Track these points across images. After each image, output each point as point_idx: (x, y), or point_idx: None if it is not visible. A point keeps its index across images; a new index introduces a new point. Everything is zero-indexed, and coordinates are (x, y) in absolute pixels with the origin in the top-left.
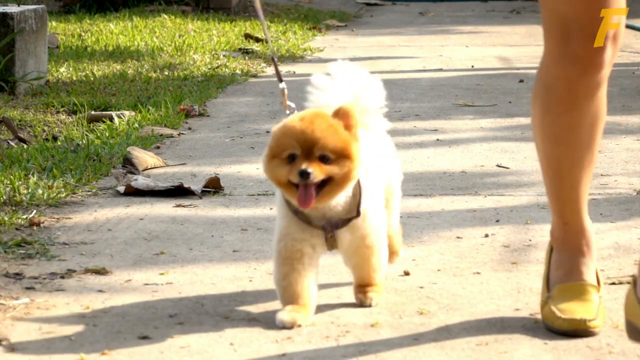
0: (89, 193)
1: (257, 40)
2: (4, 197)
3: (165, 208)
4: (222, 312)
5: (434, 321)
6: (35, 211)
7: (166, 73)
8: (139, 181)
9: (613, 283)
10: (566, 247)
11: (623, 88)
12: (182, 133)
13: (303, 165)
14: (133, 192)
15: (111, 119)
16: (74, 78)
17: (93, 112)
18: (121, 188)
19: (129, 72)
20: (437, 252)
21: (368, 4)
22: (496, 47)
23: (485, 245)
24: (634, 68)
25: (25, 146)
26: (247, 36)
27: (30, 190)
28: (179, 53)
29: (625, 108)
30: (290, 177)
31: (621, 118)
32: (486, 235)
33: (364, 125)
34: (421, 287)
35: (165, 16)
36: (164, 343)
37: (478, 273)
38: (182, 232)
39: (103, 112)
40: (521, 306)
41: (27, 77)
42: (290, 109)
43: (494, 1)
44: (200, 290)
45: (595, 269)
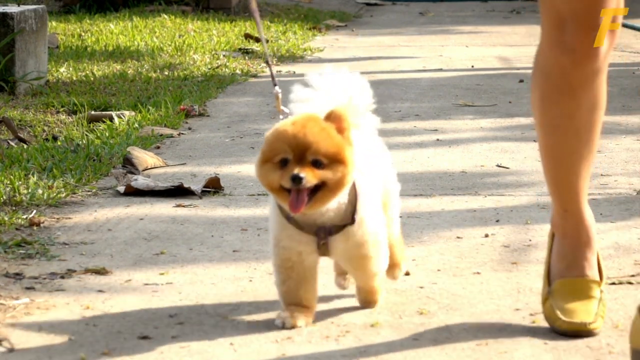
0: (89, 193)
1: (257, 40)
2: (4, 197)
3: (165, 208)
4: (222, 312)
5: (434, 321)
6: (35, 211)
7: (166, 73)
8: (139, 181)
9: (613, 283)
10: (567, 237)
11: (623, 88)
12: (182, 133)
13: (295, 170)
14: (133, 192)
15: (111, 119)
16: (74, 78)
17: (93, 112)
18: (121, 188)
19: (129, 72)
20: (437, 252)
21: (368, 4)
22: (496, 47)
23: (485, 245)
24: (634, 68)
25: (25, 146)
26: (247, 36)
27: (30, 190)
28: (179, 53)
29: (625, 108)
30: (282, 182)
31: (621, 118)
32: (486, 235)
33: (355, 124)
34: (421, 287)
35: (165, 16)
36: (164, 343)
37: (478, 273)
38: (182, 232)
39: (103, 112)
40: (521, 306)
41: (27, 77)
42: (284, 114)
43: (494, 1)
44: (200, 290)
45: (596, 260)
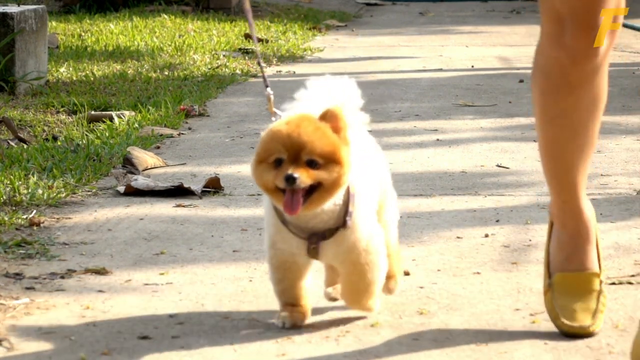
0: (89, 193)
1: (257, 40)
2: (4, 197)
3: (165, 208)
4: (222, 312)
5: (434, 321)
6: (35, 211)
7: (166, 73)
8: (139, 181)
9: (613, 283)
10: (565, 227)
11: (623, 88)
12: (182, 133)
13: (289, 170)
14: (133, 192)
15: (111, 119)
16: (74, 78)
17: (93, 112)
18: (121, 188)
19: (129, 72)
20: (437, 252)
21: (368, 4)
22: (496, 47)
23: (485, 245)
24: (634, 68)
25: (25, 146)
26: (247, 36)
27: (30, 190)
28: (179, 53)
29: (625, 108)
30: (276, 182)
31: (621, 118)
32: (486, 235)
33: (351, 124)
34: (421, 287)
35: (165, 16)
36: (164, 343)
37: (478, 273)
38: (182, 232)
39: (103, 112)
40: (521, 306)
41: (27, 77)
42: (276, 116)
43: (494, 1)
44: (200, 290)
45: (595, 251)
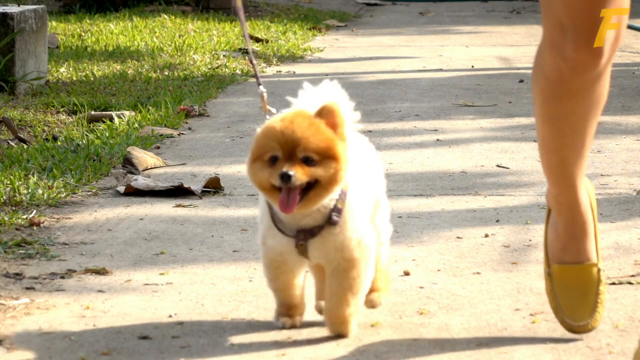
0: (89, 193)
1: (257, 40)
2: (4, 197)
3: (165, 208)
4: (222, 312)
5: (434, 321)
6: (35, 211)
7: (166, 73)
8: (139, 181)
9: (613, 283)
10: (561, 216)
11: (623, 88)
12: (182, 133)
13: (284, 167)
14: (133, 192)
15: (111, 119)
16: (74, 78)
17: (93, 112)
18: (121, 188)
19: (129, 72)
20: (437, 252)
21: (368, 4)
22: (496, 47)
23: (485, 245)
24: (634, 68)
25: (25, 146)
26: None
27: (30, 190)
28: (179, 53)
29: (625, 108)
30: (271, 181)
31: (621, 118)
32: (486, 235)
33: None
34: (421, 287)
35: (165, 16)
36: (164, 343)
37: (478, 273)
38: (182, 232)
39: (103, 112)
40: (521, 306)
41: (27, 77)
42: (270, 114)
43: (494, 1)
44: (200, 290)
45: (593, 240)
